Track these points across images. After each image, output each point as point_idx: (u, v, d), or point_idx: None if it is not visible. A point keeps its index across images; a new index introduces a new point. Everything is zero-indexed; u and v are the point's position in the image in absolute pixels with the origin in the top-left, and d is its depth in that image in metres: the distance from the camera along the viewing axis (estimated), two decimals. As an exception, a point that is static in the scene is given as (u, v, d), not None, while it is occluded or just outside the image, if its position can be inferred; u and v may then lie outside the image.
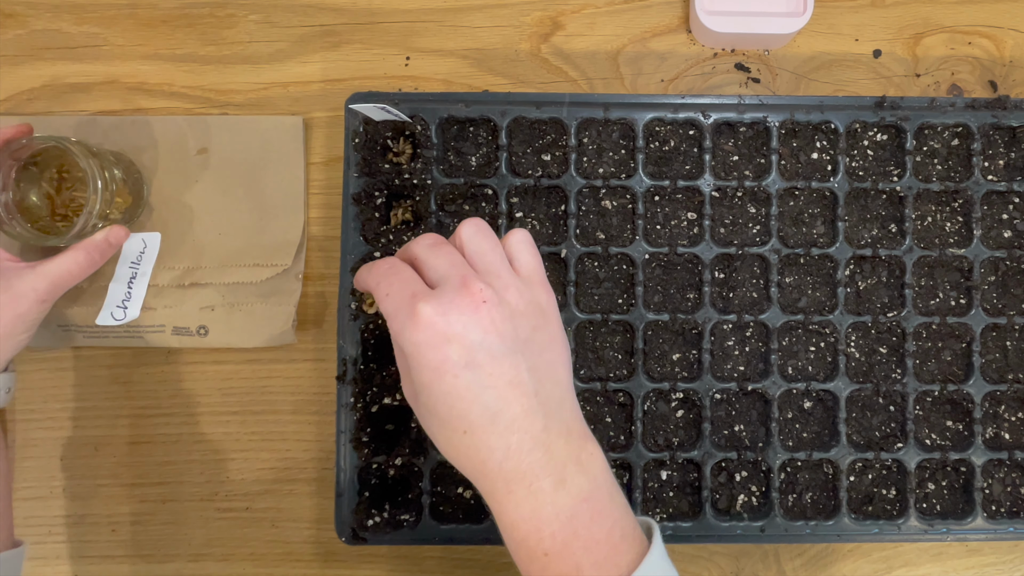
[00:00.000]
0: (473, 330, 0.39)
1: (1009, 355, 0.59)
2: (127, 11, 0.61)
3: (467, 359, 0.39)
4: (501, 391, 0.39)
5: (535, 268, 0.44)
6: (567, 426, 0.41)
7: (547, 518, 0.39)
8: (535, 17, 0.62)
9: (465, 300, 0.39)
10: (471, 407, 0.39)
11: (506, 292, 0.41)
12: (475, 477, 0.41)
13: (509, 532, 0.40)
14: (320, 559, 0.59)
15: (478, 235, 0.43)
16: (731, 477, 0.58)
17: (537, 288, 0.43)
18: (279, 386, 0.60)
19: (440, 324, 0.39)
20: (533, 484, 0.39)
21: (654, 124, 0.59)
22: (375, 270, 0.42)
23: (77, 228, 0.52)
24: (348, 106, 0.57)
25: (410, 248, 0.43)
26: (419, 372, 0.39)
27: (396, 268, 0.42)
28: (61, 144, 0.52)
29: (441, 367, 0.39)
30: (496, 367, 0.39)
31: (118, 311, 0.57)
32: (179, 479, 0.59)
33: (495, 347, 0.39)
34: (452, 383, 0.39)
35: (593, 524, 0.40)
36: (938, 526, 0.57)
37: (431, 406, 0.40)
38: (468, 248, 0.42)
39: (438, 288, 0.40)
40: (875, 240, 0.59)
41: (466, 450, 0.40)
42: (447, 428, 0.40)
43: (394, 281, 0.41)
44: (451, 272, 0.41)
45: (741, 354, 0.59)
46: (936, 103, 0.59)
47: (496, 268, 0.42)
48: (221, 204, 0.59)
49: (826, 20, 0.62)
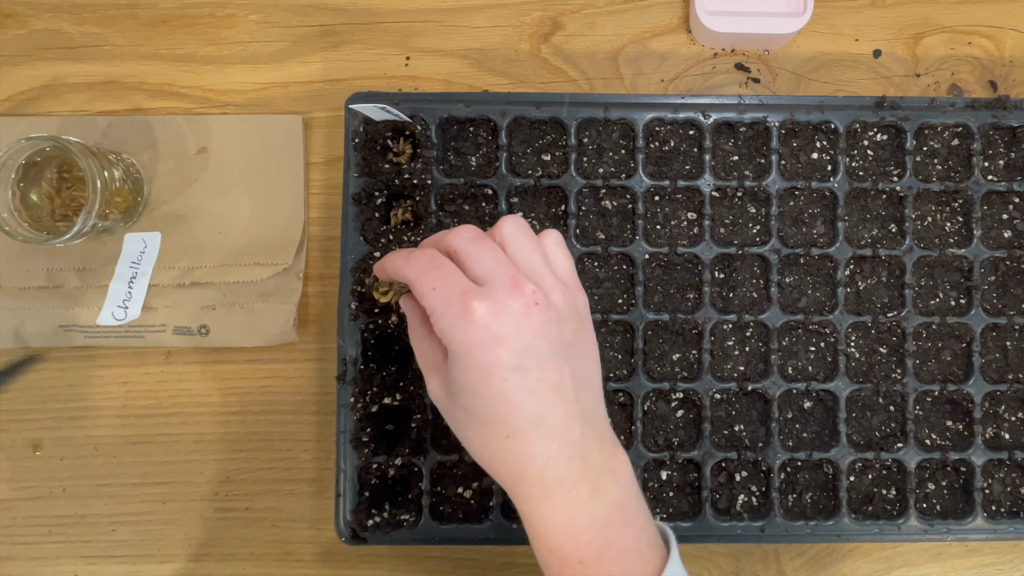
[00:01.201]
0: (524, 333, 0.38)
1: (1009, 355, 0.59)
2: (127, 11, 0.61)
3: (516, 362, 0.38)
4: (545, 396, 0.39)
5: (571, 270, 0.43)
6: (600, 433, 0.41)
7: (583, 526, 0.39)
8: (535, 17, 0.62)
9: (518, 301, 0.38)
10: (516, 411, 0.38)
11: (551, 294, 0.40)
12: (511, 483, 0.40)
13: (543, 540, 0.39)
14: (320, 559, 0.59)
15: (520, 233, 0.41)
16: (731, 477, 0.58)
17: (574, 290, 0.42)
18: (279, 386, 0.60)
19: (493, 325, 0.37)
20: (571, 492, 0.39)
21: (654, 124, 0.59)
22: (413, 261, 0.40)
23: (77, 228, 0.52)
24: (348, 106, 0.57)
25: (448, 239, 0.41)
26: (466, 372, 0.38)
27: (439, 261, 0.40)
28: (61, 144, 0.52)
29: (490, 369, 0.38)
30: (542, 372, 0.38)
31: (119, 311, 0.57)
32: (179, 479, 0.59)
33: (543, 351, 0.39)
34: (500, 386, 0.38)
35: (624, 531, 0.40)
36: (938, 526, 0.57)
37: (472, 408, 0.39)
38: (510, 246, 0.41)
39: (487, 286, 0.39)
40: (875, 240, 0.59)
41: (505, 455, 0.39)
42: (486, 431, 0.39)
43: (440, 275, 0.39)
44: (499, 270, 0.39)
45: (741, 354, 0.59)
46: (936, 103, 0.59)
47: (540, 269, 0.41)
48: (221, 204, 0.59)
49: (826, 20, 0.62)
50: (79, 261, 0.59)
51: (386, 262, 0.43)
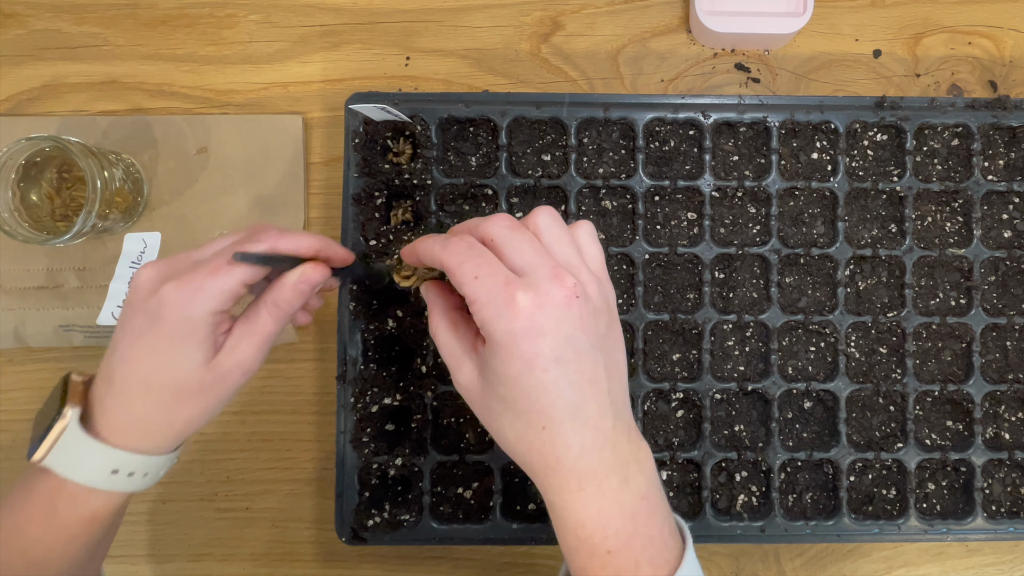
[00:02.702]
0: (565, 325, 0.38)
1: (1009, 355, 0.59)
2: (127, 11, 0.61)
3: (557, 354, 0.38)
4: (583, 388, 0.39)
5: (602, 263, 0.43)
6: (628, 425, 0.42)
7: (613, 516, 0.40)
8: (535, 17, 0.62)
9: (560, 293, 0.38)
10: (555, 402, 0.39)
11: (588, 287, 0.40)
12: (544, 473, 0.40)
13: (573, 530, 0.40)
14: (320, 559, 0.59)
15: (555, 225, 0.41)
16: (731, 477, 0.58)
17: (605, 284, 0.43)
18: (279, 386, 0.60)
19: (538, 316, 0.38)
20: (603, 482, 0.40)
21: (654, 124, 0.59)
22: (451, 248, 0.40)
23: (77, 228, 0.52)
24: (348, 106, 0.57)
25: (484, 227, 0.41)
26: (507, 362, 0.38)
27: (477, 248, 0.40)
28: (61, 144, 0.52)
29: (533, 360, 0.38)
30: (581, 363, 0.39)
31: (119, 311, 0.57)
32: (179, 479, 0.59)
33: (581, 343, 0.39)
34: (541, 377, 0.38)
35: (650, 521, 0.41)
36: (938, 526, 0.57)
37: (511, 398, 0.39)
38: (546, 237, 0.41)
39: (528, 277, 0.39)
40: (875, 240, 0.59)
41: (541, 445, 0.39)
42: (523, 421, 0.39)
43: (482, 264, 0.39)
44: (539, 261, 0.39)
45: (741, 354, 0.59)
46: (936, 103, 0.59)
47: (575, 261, 0.41)
48: (221, 204, 0.59)
49: (826, 20, 0.62)
50: (79, 261, 0.59)
51: (419, 246, 0.42)
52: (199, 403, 0.43)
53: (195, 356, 0.42)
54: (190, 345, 0.42)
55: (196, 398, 0.43)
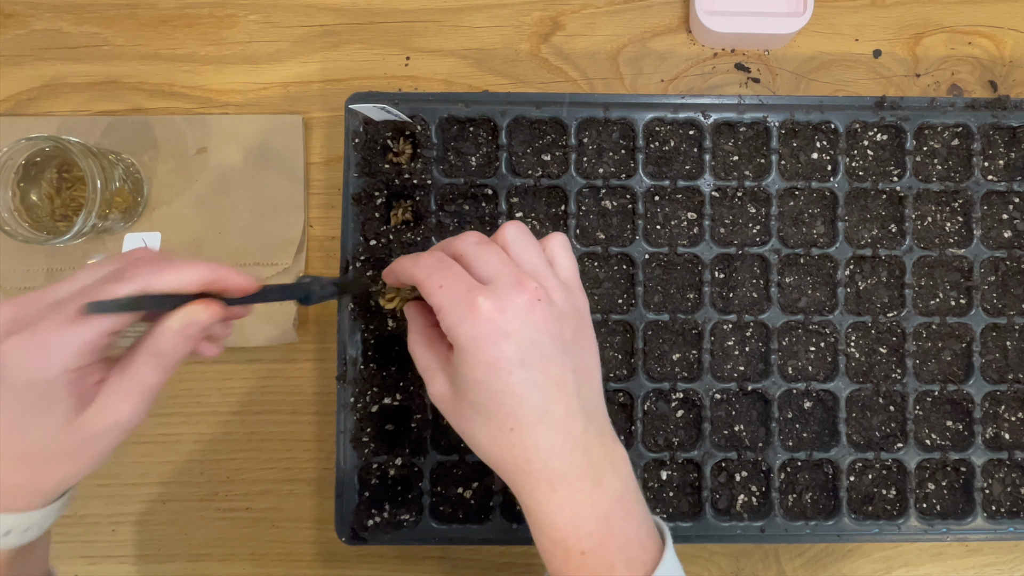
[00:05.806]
0: (528, 328, 0.39)
1: (1009, 355, 0.59)
2: (127, 11, 0.61)
3: (521, 357, 0.39)
4: (549, 390, 0.40)
5: (573, 272, 0.44)
6: (602, 429, 0.42)
7: (587, 517, 0.40)
8: (535, 17, 0.62)
9: (521, 297, 0.39)
10: (521, 405, 0.39)
11: (553, 293, 0.41)
12: (516, 476, 0.41)
13: (547, 532, 0.41)
14: (320, 559, 0.59)
15: (522, 237, 0.43)
16: (731, 477, 0.58)
17: (576, 291, 0.44)
18: (279, 386, 0.60)
19: (499, 320, 0.39)
20: (576, 484, 0.40)
21: (654, 124, 0.59)
22: (421, 263, 0.42)
23: (77, 228, 0.52)
24: (348, 106, 0.57)
25: (453, 244, 0.43)
26: (472, 367, 0.39)
27: (445, 262, 0.42)
28: (61, 144, 0.52)
29: (497, 363, 0.39)
30: (546, 366, 0.40)
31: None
32: (179, 479, 0.59)
33: (546, 346, 0.40)
34: (505, 379, 0.39)
35: (625, 523, 0.41)
36: (938, 526, 0.57)
37: (479, 402, 0.40)
38: (513, 248, 0.42)
39: (492, 284, 0.40)
40: (875, 240, 0.59)
41: (511, 448, 0.40)
42: (492, 425, 0.40)
43: (447, 274, 0.41)
44: (503, 270, 0.41)
45: (741, 354, 0.59)
46: (936, 103, 0.59)
47: (541, 269, 0.42)
48: (221, 204, 0.59)
49: (826, 20, 0.62)
50: (79, 261, 0.59)
51: (395, 266, 0.44)
52: (66, 465, 0.38)
53: (51, 419, 0.36)
54: (42, 408, 0.36)
55: (62, 461, 0.38)
